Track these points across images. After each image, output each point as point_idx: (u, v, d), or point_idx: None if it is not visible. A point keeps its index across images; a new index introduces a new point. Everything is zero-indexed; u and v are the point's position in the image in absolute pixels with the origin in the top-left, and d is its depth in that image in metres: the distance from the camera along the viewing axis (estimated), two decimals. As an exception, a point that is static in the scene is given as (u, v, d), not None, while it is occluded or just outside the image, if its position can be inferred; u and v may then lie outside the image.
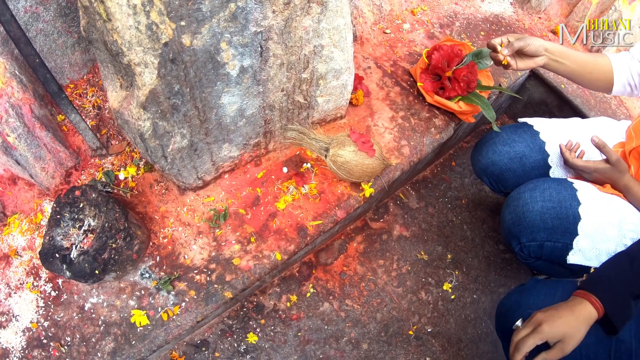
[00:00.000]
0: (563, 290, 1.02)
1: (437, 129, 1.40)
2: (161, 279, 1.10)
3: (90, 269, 1.02)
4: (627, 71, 1.18)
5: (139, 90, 0.83)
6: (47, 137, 1.17)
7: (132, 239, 1.07)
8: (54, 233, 1.09)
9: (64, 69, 1.32)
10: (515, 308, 1.05)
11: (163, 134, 0.93)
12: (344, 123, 1.35)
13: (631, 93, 1.20)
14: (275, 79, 1.02)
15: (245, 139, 1.13)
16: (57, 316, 1.08)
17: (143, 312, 1.07)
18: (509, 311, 1.06)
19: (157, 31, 0.75)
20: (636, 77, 1.17)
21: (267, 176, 1.23)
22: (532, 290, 1.06)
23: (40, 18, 1.18)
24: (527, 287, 1.09)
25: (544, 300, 1.02)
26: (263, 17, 0.86)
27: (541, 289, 1.05)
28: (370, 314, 1.46)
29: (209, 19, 0.78)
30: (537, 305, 1.00)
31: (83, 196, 1.11)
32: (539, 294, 1.04)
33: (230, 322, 1.37)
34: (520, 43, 1.14)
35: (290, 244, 1.14)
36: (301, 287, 1.46)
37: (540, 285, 1.07)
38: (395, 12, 1.74)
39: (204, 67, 0.86)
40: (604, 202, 1.08)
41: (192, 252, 1.13)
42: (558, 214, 1.09)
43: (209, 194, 1.19)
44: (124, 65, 0.81)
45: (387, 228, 1.62)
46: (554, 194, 1.10)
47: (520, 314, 1.01)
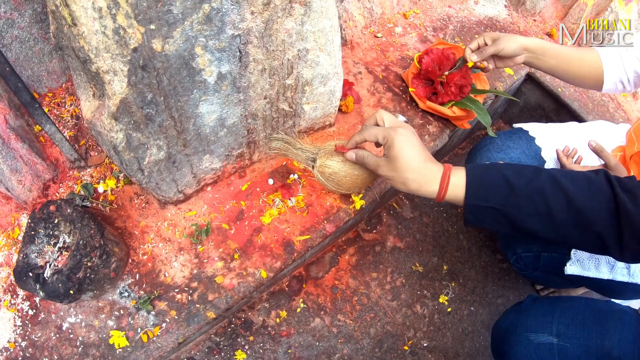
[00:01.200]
0: (562, 310, 0.97)
1: (431, 136, 1.35)
2: (141, 298, 1.04)
3: (65, 288, 0.96)
4: (619, 67, 1.12)
5: (109, 99, 0.78)
6: (23, 149, 1.13)
7: (109, 257, 1.01)
8: (28, 250, 1.04)
9: (41, 77, 1.27)
10: (512, 330, 1.00)
11: (138, 145, 0.88)
12: (333, 131, 1.30)
13: (623, 89, 1.14)
14: (257, 85, 0.96)
15: (227, 149, 1.07)
16: (35, 336, 1.03)
17: (122, 333, 1.02)
18: (506, 334, 1.02)
19: (124, 36, 0.69)
20: (631, 74, 1.11)
21: (252, 188, 1.17)
22: (529, 311, 1.02)
23: (15, 24, 1.14)
24: (525, 307, 1.04)
25: (542, 321, 0.97)
26: (241, 19, 0.81)
27: (539, 309, 1.01)
28: (364, 329, 1.41)
29: (181, 22, 0.73)
30: (535, 328, 0.96)
31: (58, 211, 1.05)
32: (536, 315, 0.99)
33: (217, 339, 1.31)
34: (491, 49, 1.10)
35: (276, 261, 1.08)
36: (291, 302, 1.40)
37: (538, 304, 1.03)
38: (386, 16, 1.70)
39: (178, 74, 0.80)
40: None
41: (173, 269, 1.07)
42: None
43: (191, 208, 1.13)
44: (92, 73, 0.75)
45: (381, 239, 1.57)
46: None
47: (517, 337, 0.97)
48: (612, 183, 0.71)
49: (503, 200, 0.73)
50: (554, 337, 0.94)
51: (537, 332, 0.95)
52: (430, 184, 0.78)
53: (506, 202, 0.73)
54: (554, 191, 0.71)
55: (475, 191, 0.76)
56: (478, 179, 0.76)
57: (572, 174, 0.74)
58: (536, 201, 0.72)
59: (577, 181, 0.72)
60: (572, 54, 1.13)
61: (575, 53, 1.13)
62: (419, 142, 0.82)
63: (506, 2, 1.98)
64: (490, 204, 0.74)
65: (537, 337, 0.95)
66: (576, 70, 1.13)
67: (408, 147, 0.79)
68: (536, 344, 0.95)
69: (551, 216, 0.71)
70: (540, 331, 0.95)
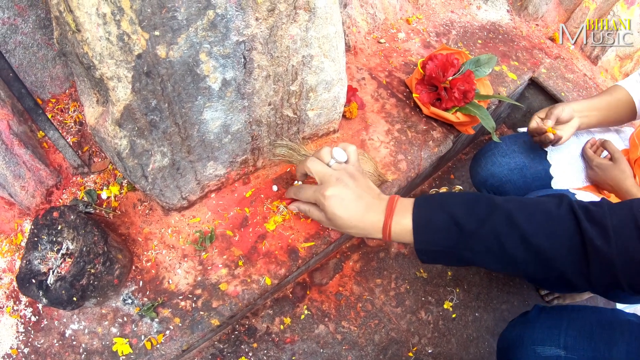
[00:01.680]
0: (569, 321, 0.96)
1: (435, 141, 1.34)
2: (144, 305, 1.04)
3: (68, 295, 0.96)
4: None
5: (113, 106, 0.77)
6: (26, 155, 1.13)
7: (112, 264, 1.01)
8: (31, 257, 1.04)
9: (45, 83, 1.27)
10: (518, 343, 0.99)
11: (142, 152, 0.87)
12: (337, 137, 1.29)
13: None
14: (262, 92, 0.96)
15: (231, 156, 1.06)
16: (38, 342, 1.03)
17: (125, 340, 1.01)
18: (512, 347, 1.00)
19: (129, 42, 0.69)
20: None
21: (256, 195, 1.16)
22: (536, 323, 1.00)
23: (19, 30, 1.14)
24: (531, 318, 1.03)
25: (549, 334, 0.95)
26: (245, 26, 0.81)
27: (545, 321, 0.99)
28: (368, 336, 1.40)
29: (185, 28, 0.72)
30: (542, 340, 0.94)
31: (61, 218, 1.05)
32: (543, 327, 0.98)
33: (221, 346, 1.30)
34: (556, 112, 1.12)
35: (281, 268, 1.08)
36: (295, 308, 1.39)
37: (545, 315, 1.01)
38: (389, 21, 1.70)
39: (183, 81, 0.80)
40: None
41: (177, 276, 1.06)
42: None
43: (195, 215, 1.13)
44: (96, 79, 0.75)
45: (385, 245, 1.56)
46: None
47: (524, 351, 0.95)
48: (577, 215, 0.66)
49: (453, 243, 0.70)
50: (562, 350, 0.92)
51: (544, 344, 0.94)
52: (373, 233, 0.77)
53: (456, 245, 0.70)
54: (509, 231, 0.67)
55: (422, 235, 0.73)
56: (425, 224, 0.73)
57: (530, 208, 0.69)
58: (489, 242, 0.68)
59: (535, 217, 0.68)
60: (609, 99, 1.18)
61: (610, 97, 1.18)
62: (354, 192, 0.79)
63: (509, 7, 1.98)
64: (439, 248, 0.72)
65: (544, 350, 0.94)
66: (616, 112, 1.18)
67: (341, 209, 0.77)
68: (543, 358, 0.93)
69: (509, 255, 0.68)
70: (547, 344, 0.94)
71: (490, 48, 1.74)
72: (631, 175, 1.08)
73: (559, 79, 1.76)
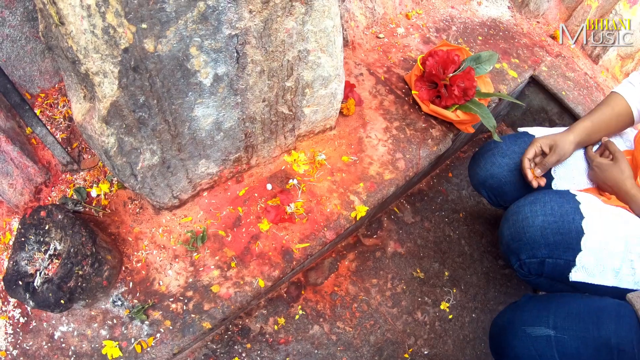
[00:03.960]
0: (557, 304, 0.96)
1: (434, 140, 1.31)
2: (134, 307, 1.01)
3: (55, 298, 0.93)
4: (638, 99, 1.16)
5: (100, 102, 0.74)
6: (14, 152, 1.10)
7: (101, 265, 0.98)
8: (18, 257, 1.01)
9: (33, 78, 1.24)
10: (508, 327, 1.00)
11: (130, 150, 0.84)
12: (333, 135, 1.26)
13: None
14: (255, 88, 0.93)
15: (224, 154, 1.03)
16: (26, 344, 1.00)
17: (115, 343, 0.98)
18: (503, 330, 1.01)
19: (114, 35, 0.66)
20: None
21: (250, 194, 1.13)
22: (525, 307, 1.01)
23: (6, 23, 1.10)
24: (520, 304, 1.04)
25: (537, 316, 0.96)
26: (238, 18, 0.77)
27: (534, 305, 1.00)
28: (364, 337, 1.37)
29: (174, 21, 0.69)
30: (532, 322, 0.96)
31: (49, 217, 1.02)
32: (532, 310, 0.99)
33: (214, 346, 1.28)
34: (554, 160, 1.12)
35: (275, 269, 1.05)
36: (289, 308, 1.37)
37: (534, 301, 1.02)
38: (389, 16, 1.67)
39: (172, 76, 0.77)
40: (608, 215, 1.01)
41: (168, 277, 1.03)
42: (560, 229, 1.02)
43: (187, 214, 1.10)
44: (82, 74, 0.72)
45: (381, 244, 1.53)
46: (555, 208, 1.04)
47: (514, 332, 0.96)
48: None
49: None
50: (551, 330, 0.93)
51: (534, 325, 0.95)
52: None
53: None
54: None
55: None
56: None
57: None
58: None
59: None
60: (609, 112, 1.16)
61: (609, 110, 1.17)
62: None
63: (509, 4, 1.95)
64: None
65: (534, 331, 0.95)
66: (616, 123, 1.17)
67: None
68: (533, 337, 0.94)
69: None
70: (537, 324, 0.95)
71: (491, 45, 1.71)
72: (631, 175, 1.07)
73: (560, 78, 1.73)
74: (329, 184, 1.18)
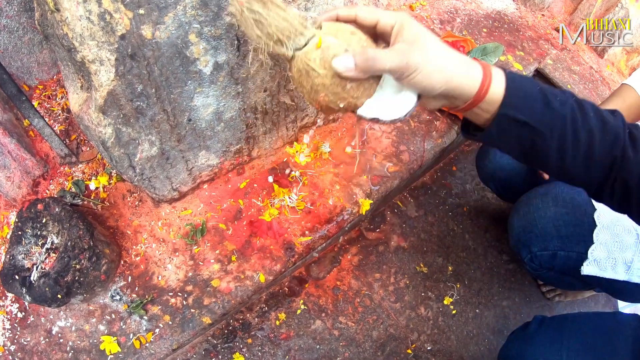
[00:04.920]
0: (570, 333, 0.92)
1: (438, 132, 1.29)
2: (133, 301, 0.99)
3: (52, 293, 0.91)
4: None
5: (96, 91, 0.72)
6: (11, 144, 1.08)
7: (98, 259, 0.96)
8: (15, 251, 0.99)
9: (31, 69, 1.22)
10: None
11: (128, 141, 0.82)
12: (337, 126, 1.24)
13: None
14: (257, 77, 0.90)
15: (224, 145, 1.01)
16: (24, 340, 0.99)
17: (113, 338, 0.97)
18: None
19: (111, 21, 0.64)
20: None
21: (251, 186, 1.11)
22: (535, 338, 0.96)
23: (4, 13, 1.08)
24: (530, 333, 0.98)
25: (550, 349, 0.92)
26: (239, 5, 0.75)
27: (545, 335, 0.95)
28: (366, 332, 1.36)
29: (172, 6, 0.67)
30: (544, 356, 0.91)
31: (46, 210, 1.00)
32: (543, 342, 0.94)
33: (214, 341, 1.26)
34: None
35: (276, 264, 1.03)
36: (291, 303, 1.35)
37: (544, 329, 0.97)
38: (392, 7, 1.64)
39: (171, 64, 0.74)
40: None
41: (167, 271, 1.02)
42: (572, 221, 1.00)
43: (186, 207, 1.08)
44: (78, 62, 0.70)
45: (384, 238, 1.52)
46: (567, 199, 1.02)
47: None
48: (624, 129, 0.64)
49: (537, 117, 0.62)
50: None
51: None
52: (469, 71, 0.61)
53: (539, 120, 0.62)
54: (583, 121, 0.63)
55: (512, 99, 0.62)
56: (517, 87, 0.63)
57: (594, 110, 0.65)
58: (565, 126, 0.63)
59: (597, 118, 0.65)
60: (617, 104, 1.15)
61: (619, 103, 1.16)
62: None
63: (514, -5, 1.93)
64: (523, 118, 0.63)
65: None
66: (627, 115, 1.14)
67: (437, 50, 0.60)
68: None
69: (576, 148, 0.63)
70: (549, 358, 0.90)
71: (496, 37, 1.68)
72: None
73: (565, 71, 1.71)
74: (332, 176, 1.16)
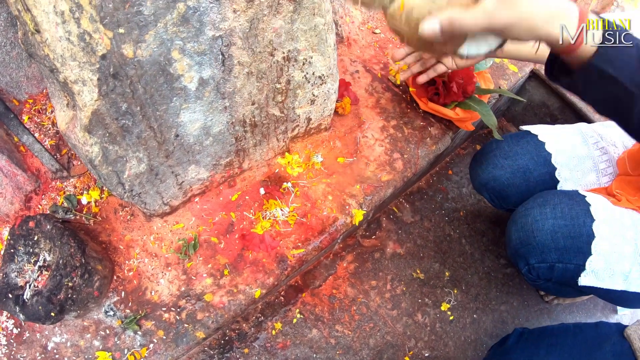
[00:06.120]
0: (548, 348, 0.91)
1: (432, 138, 1.28)
2: (126, 317, 0.99)
3: (45, 311, 0.91)
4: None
5: (81, 111, 0.71)
6: (1, 160, 1.07)
7: (91, 275, 0.95)
8: (8, 269, 0.99)
9: (20, 83, 1.21)
10: None
11: (115, 159, 0.81)
12: (328, 135, 1.23)
13: None
14: (244, 90, 0.90)
15: (214, 159, 1.00)
16: (20, 356, 0.99)
17: (109, 354, 0.97)
18: None
19: (91, 42, 0.63)
20: None
21: (243, 198, 1.11)
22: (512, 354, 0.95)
23: (-10, 28, 1.08)
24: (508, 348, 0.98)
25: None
26: (222, 19, 0.74)
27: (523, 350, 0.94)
28: (363, 340, 1.35)
29: (153, 24, 0.66)
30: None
31: (37, 227, 0.99)
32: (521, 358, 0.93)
33: (211, 351, 1.26)
34: None
35: (269, 277, 1.02)
36: (287, 312, 1.34)
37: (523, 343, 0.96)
38: (384, 12, 1.63)
39: (155, 82, 0.74)
40: (618, 217, 0.98)
41: (160, 286, 1.01)
42: (571, 233, 0.98)
43: (178, 220, 1.07)
44: (60, 83, 0.69)
45: (380, 245, 1.51)
46: (566, 210, 1.00)
47: None
48: None
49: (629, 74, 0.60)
50: None
51: None
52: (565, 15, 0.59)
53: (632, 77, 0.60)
54: None
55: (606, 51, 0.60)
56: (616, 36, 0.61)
57: None
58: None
59: None
60: None
61: None
62: None
63: (509, -5, 1.91)
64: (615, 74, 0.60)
65: None
66: None
67: None
68: None
69: None
70: None
71: (489, 38, 1.67)
72: None
73: (561, 70, 1.70)
74: (324, 186, 1.15)
